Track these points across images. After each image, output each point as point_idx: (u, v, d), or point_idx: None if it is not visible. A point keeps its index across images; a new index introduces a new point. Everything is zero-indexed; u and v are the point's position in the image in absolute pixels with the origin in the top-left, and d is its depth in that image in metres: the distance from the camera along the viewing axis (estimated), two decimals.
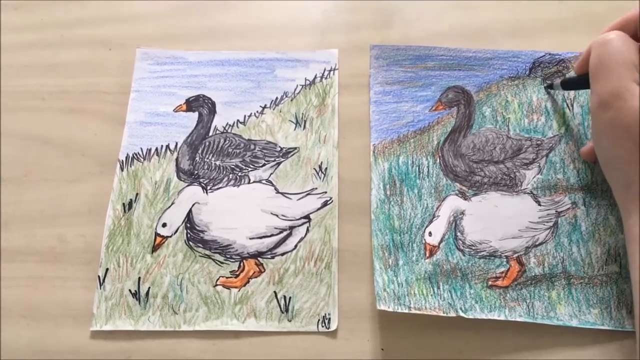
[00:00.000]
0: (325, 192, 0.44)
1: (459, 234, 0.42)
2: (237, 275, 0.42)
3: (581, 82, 0.42)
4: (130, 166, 0.45)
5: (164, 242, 0.43)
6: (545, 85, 0.47)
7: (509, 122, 0.46)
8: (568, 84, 0.45)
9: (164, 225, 0.43)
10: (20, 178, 0.46)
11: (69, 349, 0.40)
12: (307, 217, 0.43)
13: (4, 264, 0.43)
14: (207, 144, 0.46)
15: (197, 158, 0.46)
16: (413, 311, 0.39)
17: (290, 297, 0.41)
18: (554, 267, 0.41)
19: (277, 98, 0.48)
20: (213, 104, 0.48)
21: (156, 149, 0.46)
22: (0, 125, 0.48)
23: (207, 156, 0.46)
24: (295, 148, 0.46)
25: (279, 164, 0.46)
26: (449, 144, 0.45)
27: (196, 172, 0.45)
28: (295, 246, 0.43)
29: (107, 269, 0.42)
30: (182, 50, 0.50)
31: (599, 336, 0.39)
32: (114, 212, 0.44)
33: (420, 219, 0.43)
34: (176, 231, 0.43)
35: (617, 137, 0.36)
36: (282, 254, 0.42)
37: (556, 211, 0.43)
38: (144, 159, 0.46)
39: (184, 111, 0.48)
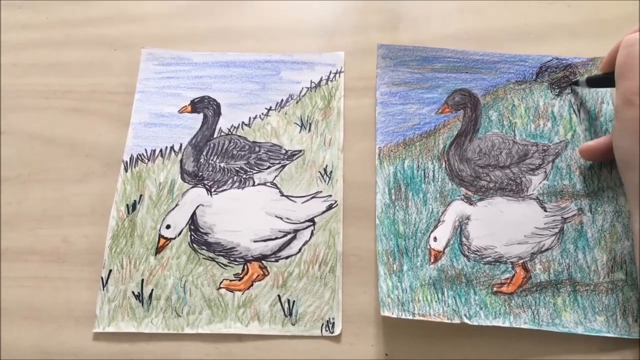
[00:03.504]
0: (330, 196, 0.44)
1: (464, 239, 0.42)
2: (241, 278, 0.42)
3: (607, 79, 0.42)
4: (135, 167, 0.45)
5: (167, 244, 0.43)
6: (570, 82, 0.47)
7: (515, 126, 0.46)
8: (593, 82, 0.45)
9: (168, 227, 0.43)
10: (24, 178, 0.45)
11: (71, 350, 0.40)
12: (312, 221, 0.43)
13: (7, 264, 0.42)
14: (212, 145, 0.46)
15: (202, 160, 0.46)
16: (417, 317, 0.39)
17: (294, 301, 0.41)
18: (559, 273, 0.41)
19: (282, 100, 0.48)
20: (218, 105, 0.48)
21: (160, 150, 0.46)
22: (4, 125, 0.48)
23: (211, 158, 0.46)
24: (300, 151, 0.46)
25: (283, 166, 0.45)
26: (455, 148, 0.45)
27: (200, 173, 0.45)
28: (300, 249, 0.42)
29: (110, 271, 0.42)
30: (188, 51, 0.50)
31: (605, 344, 0.39)
32: (118, 213, 0.44)
33: (425, 224, 0.42)
34: (180, 233, 0.43)
35: (637, 135, 0.36)
36: (286, 257, 0.42)
37: (562, 217, 0.43)
38: (148, 160, 0.46)
39: (188, 112, 0.48)
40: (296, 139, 0.46)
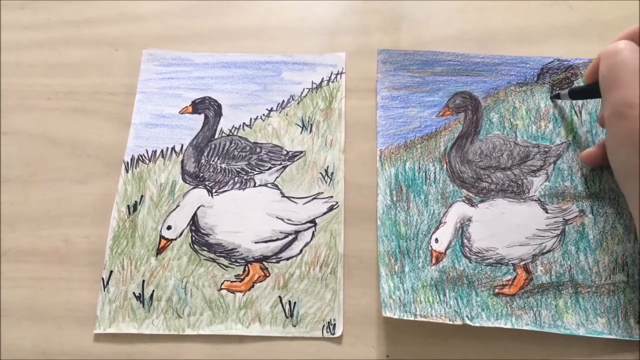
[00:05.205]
0: (331, 197, 0.44)
1: (465, 240, 0.42)
2: (242, 280, 0.42)
3: (590, 91, 0.42)
4: (136, 168, 0.45)
5: (168, 245, 0.42)
6: (551, 95, 0.47)
7: (516, 128, 0.46)
8: (576, 93, 0.44)
9: (169, 227, 0.43)
10: (26, 178, 0.45)
11: (72, 351, 0.40)
12: (313, 222, 0.43)
13: (9, 264, 0.42)
14: (213, 146, 0.46)
15: (203, 160, 0.46)
16: (419, 318, 0.39)
17: (295, 302, 0.41)
18: (561, 275, 0.41)
19: (283, 101, 0.48)
20: (219, 106, 0.48)
21: (161, 151, 0.46)
22: (5, 125, 0.48)
23: (212, 159, 0.46)
24: (301, 152, 0.46)
25: (284, 167, 0.45)
26: (456, 150, 0.45)
27: (202, 174, 0.45)
28: (301, 251, 0.42)
29: (111, 272, 0.42)
30: (189, 52, 0.50)
31: (606, 345, 0.39)
32: (119, 214, 0.43)
33: (427, 225, 0.42)
34: (181, 234, 0.43)
35: (633, 146, 0.35)
36: (288, 259, 0.42)
37: (564, 219, 0.42)
38: (149, 161, 0.46)
39: (189, 113, 0.48)
40: (297, 140, 0.46)
